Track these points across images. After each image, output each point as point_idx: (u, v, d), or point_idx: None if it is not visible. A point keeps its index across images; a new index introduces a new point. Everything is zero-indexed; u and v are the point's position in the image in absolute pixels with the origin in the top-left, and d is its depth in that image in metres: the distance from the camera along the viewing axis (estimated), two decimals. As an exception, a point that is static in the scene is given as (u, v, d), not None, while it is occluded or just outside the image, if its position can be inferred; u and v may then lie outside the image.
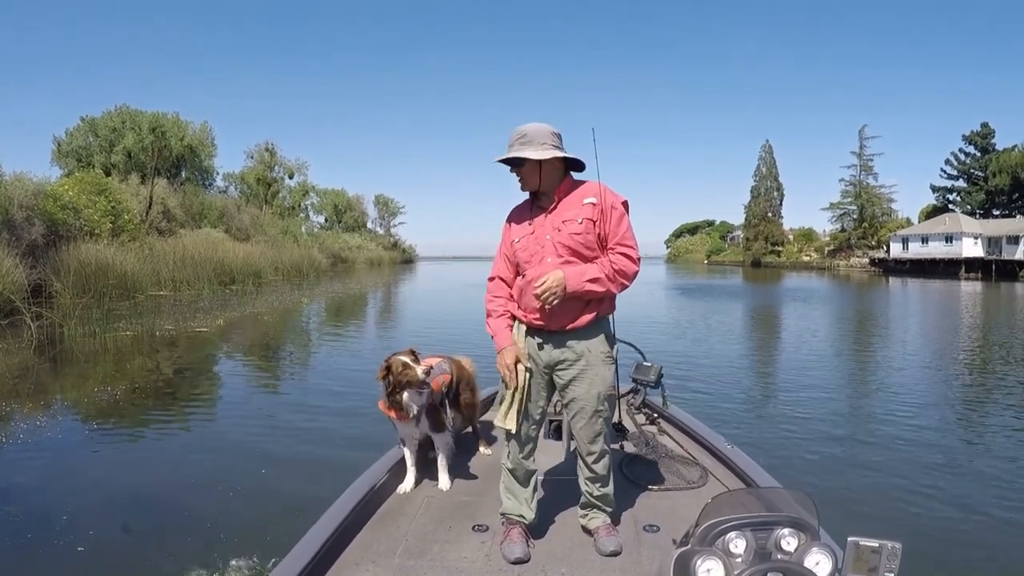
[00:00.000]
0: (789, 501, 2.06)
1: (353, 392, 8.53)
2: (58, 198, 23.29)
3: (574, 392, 2.88)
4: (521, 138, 2.81)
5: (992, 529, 4.44)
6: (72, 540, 4.14)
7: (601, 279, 2.75)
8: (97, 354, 11.61)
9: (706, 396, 8.33)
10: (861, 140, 76.84)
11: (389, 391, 3.46)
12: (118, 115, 45.36)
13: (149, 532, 4.32)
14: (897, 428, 6.96)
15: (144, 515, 4.59)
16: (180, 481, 5.28)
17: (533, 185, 2.88)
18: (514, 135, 2.84)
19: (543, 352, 2.88)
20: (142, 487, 5.15)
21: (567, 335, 2.85)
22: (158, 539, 4.18)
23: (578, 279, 2.72)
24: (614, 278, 2.78)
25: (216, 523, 4.40)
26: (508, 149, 2.84)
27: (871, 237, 73.71)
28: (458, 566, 2.76)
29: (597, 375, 2.87)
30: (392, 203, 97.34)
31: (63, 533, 4.24)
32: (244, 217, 45.60)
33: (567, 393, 2.91)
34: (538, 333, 2.88)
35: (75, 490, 5.12)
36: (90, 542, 4.12)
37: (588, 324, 2.85)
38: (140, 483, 5.25)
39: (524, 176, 2.86)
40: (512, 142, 2.83)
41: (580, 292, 2.74)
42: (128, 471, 5.58)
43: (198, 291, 24.81)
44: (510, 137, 2.86)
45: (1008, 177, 64.82)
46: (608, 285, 2.77)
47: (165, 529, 4.34)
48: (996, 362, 11.47)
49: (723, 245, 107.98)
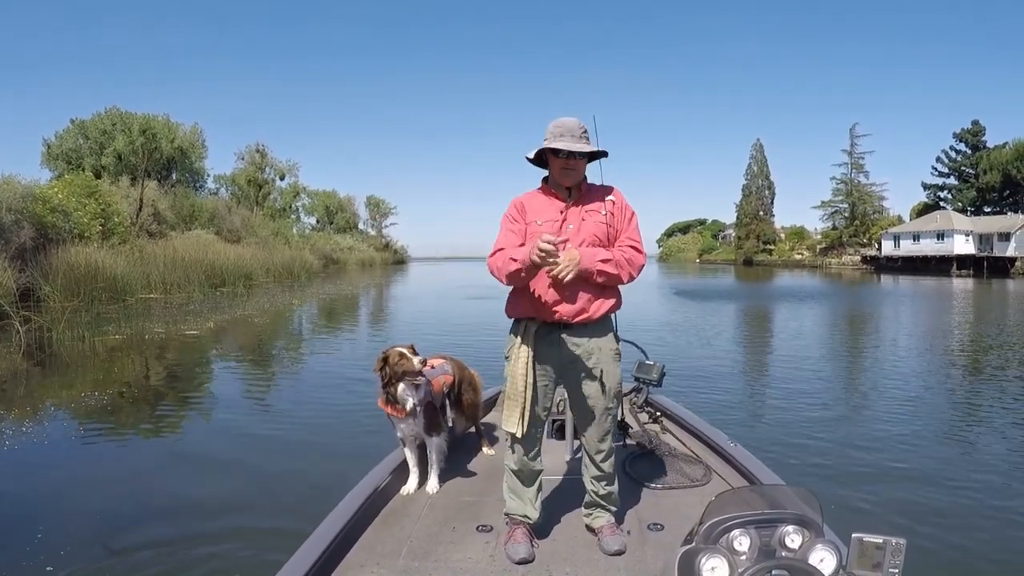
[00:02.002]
0: (793, 498, 2.05)
1: (347, 395, 8.49)
2: (47, 201, 23.14)
3: (585, 390, 2.89)
4: (584, 132, 2.86)
5: (996, 524, 4.43)
6: (58, 547, 4.06)
7: (613, 261, 2.78)
8: (86, 358, 11.51)
9: (708, 394, 8.31)
10: (852, 138, 77.49)
11: (385, 383, 3.44)
12: (108, 117, 45.22)
13: (140, 538, 4.23)
14: (900, 424, 6.95)
15: (135, 521, 4.51)
16: (172, 487, 5.21)
17: (581, 175, 2.92)
18: (577, 127, 2.85)
19: (554, 351, 2.87)
20: (132, 493, 5.07)
21: (578, 331, 2.85)
22: (150, 545, 4.10)
23: (591, 258, 2.74)
24: (624, 264, 2.81)
25: (212, 528, 4.34)
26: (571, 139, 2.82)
27: (863, 235, 74.13)
28: (462, 567, 2.75)
29: (607, 372, 2.90)
30: (384, 204, 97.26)
31: (49, 539, 4.16)
32: (235, 219, 45.45)
33: (578, 391, 2.91)
34: (551, 330, 2.85)
35: (62, 496, 5.04)
36: (77, 548, 4.05)
37: (600, 318, 2.87)
38: (130, 489, 5.17)
39: (579, 167, 2.89)
40: (579, 134, 2.84)
41: (592, 271, 2.74)
42: (117, 477, 5.50)
43: (188, 294, 24.69)
44: (569, 127, 2.84)
45: (999, 174, 65.25)
46: (618, 270, 2.80)
47: (157, 535, 4.26)
48: (995, 358, 11.51)
49: (715, 244, 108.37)
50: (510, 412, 2.86)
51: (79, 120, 45.77)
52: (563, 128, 2.84)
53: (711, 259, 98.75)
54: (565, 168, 2.86)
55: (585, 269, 2.71)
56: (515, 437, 2.90)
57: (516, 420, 2.84)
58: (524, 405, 2.83)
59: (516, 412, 2.84)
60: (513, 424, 2.85)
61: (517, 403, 2.83)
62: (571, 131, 2.83)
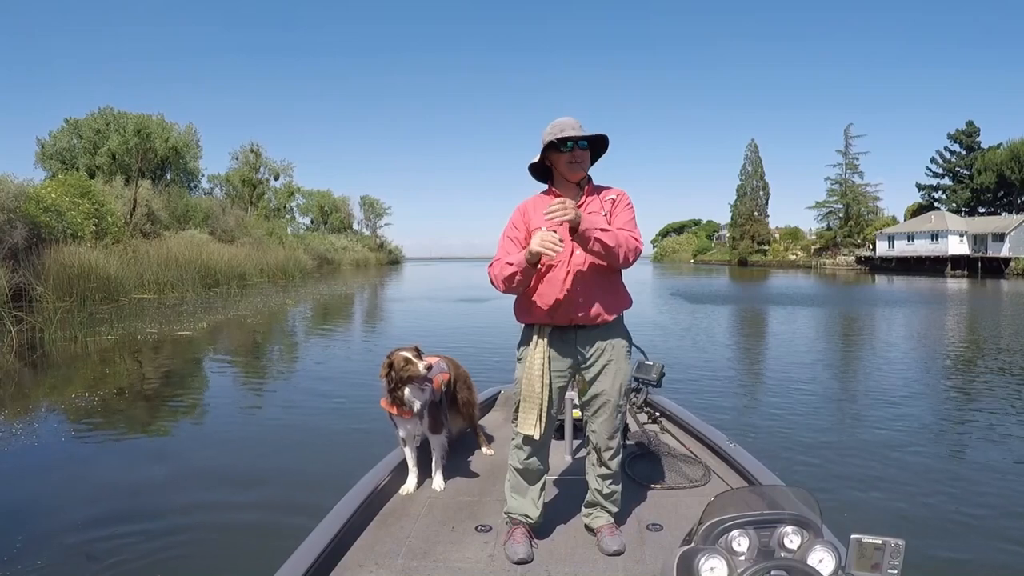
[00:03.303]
0: (792, 499, 2.06)
1: (341, 395, 8.46)
2: (40, 201, 23.06)
3: (600, 387, 2.89)
4: (581, 128, 2.87)
5: (995, 525, 4.42)
6: (47, 550, 4.02)
7: (611, 233, 2.68)
8: (78, 358, 11.44)
9: (708, 395, 8.31)
10: (847, 139, 77.64)
11: (391, 387, 3.43)
12: (102, 117, 45.13)
13: (132, 540, 4.18)
14: (899, 425, 6.94)
15: (127, 522, 4.45)
16: (164, 488, 5.16)
17: (587, 169, 2.95)
18: (573, 122, 2.86)
19: (569, 352, 2.87)
20: (124, 494, 5.02)
21: (593, 332, 2.86)
22: (143, 548, 4.06)
23: (592, 223, 2.65)
24: (623, 242, 2.72)
25: (207, 529, 4.31)
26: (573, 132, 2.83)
27: (857, 235, 74.30)
28: (461, 567, 2.75)
29: (620, 369, 2.91)
30: (378, 204, 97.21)
31: (38, 542, 4.12)
32: (229, 219, 45.41)
33: (592, 389, 2.91)
34: (566, 332, 2.85)
35: (52, 498, 4.99)
36: (67, 551, 4.01)
37: (615, 319, 2.90)
38: (122, 490, 5.11)
39: (585, 161, 2.91)
40: (577, 127, 2.85)
41: (590, 236, 2.62)
42: (109, 478, 5.43)
43: (182, 294, 24.61)
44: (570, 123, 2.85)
45: (993, 175, 65.53)
46: (616, 245, 2.68)
47: (150, 537, 4.21)
48: (995, 358, 11.51)
49: (710, 244, 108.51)
50: (527, 414, 2.85)
51: (73, 119, 45.70)
52: (562, 124, 2.86)
53: (706, 260, 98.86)
54: (571, 162, 2.87)
55: (584, 230, 2.60)
56: (529, 439, 2.89)
57: (534, 422, 2.83)
58: (542, 407, 2.82)
59: (533, 414, 2.83)
60: (530, 426, 2.84)
61: (534, 405, 2.83)
62: (571, 126, 2.85)
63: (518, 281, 2.76)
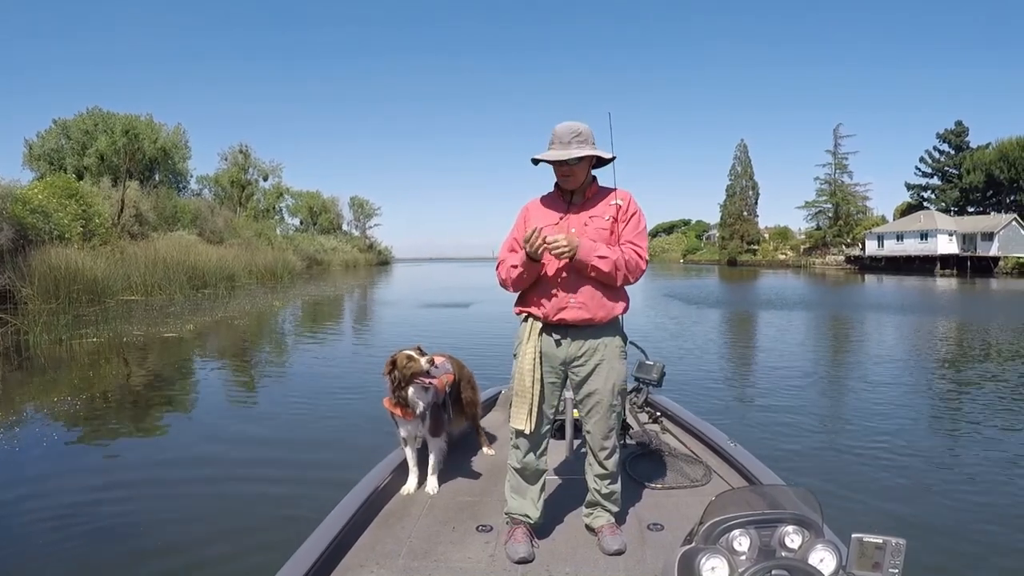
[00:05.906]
0: (793, 498, 2.06)
1: (335, 396, 8.42)
2: (27, 202, 22.88)
3: (592, 386, 2.92)
4: (576, 136, 2.87)
5: (996, 524, 4.42)
6: (34, 555, 3.96)
7: (610, 259, 2.78)
8: (64, 361, 11.31)
9: (708, 395, 8.32)
10: (836, 139, 78.23)
11: (395, 387, 3.45)
12: (91, 118, 44.92)
13: (123, 546, 4.11)
14: (900, 425, 6.94)
15: (116, 528, 4.39)
16: (154, 492, 5.09)
17: (580, 180, 2.93)
18: (567, 132, 2.87)
19: (560, 349, 2.91)
20: (112, 499, 4.93)
21: (585, 331, 2.89)
22: (135, 553, 3.99)
23: (590, 250, 2.76)
24: (622, 266, 2.82)
25: (201, 532, 4.25)
26: (559, 146, 2.87)
27: (846, 235, 74.85)
28: (462, 567, 2.76)
29: (613, 368, 2.93)
30: (368, 204, 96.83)
31: (21, 548, 4.06)
32: (218, 220, 45.21)
33: (584, 388, 2.94)
34: (556, 329, 2.90)
35: (37, 503, 4.87)
36: (55, 558, 3.94)
37: (609, 321, 2.92)
38: (110, 495, 5.01)
39: (575, 172, 2.89)
40: (568, 140, 2.87)
41: (587, 264, 2.76)
42: (95, 483, 5.32)
43: (170, 295, 24.42)
44: (559, 134, 2.88)
45: (982, 174, 66.18)
46: (615, 271, 2.81)
47: (141, 542, 4.14)
48: (995, 359, 11.56)
49: (699, 244, 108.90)
50: (518, 409, 2.88)
51: (61, 120, 45.49)
52: (554, 136, 2.91)
53: (695, 259, 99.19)
54: (562, 175, 2.93)
55: (580, 260, 2.74)
56: (522, 434, 2.92)
57: (524, 417, 2.87)
58: (532, 402, 2.86)
59: (524, 408, 2.87)
60: (521, 421, 2.87)
61: (525, 400, 2.86)
62: (560, 138, 2.88)
63: (524, 278, 2.87)
